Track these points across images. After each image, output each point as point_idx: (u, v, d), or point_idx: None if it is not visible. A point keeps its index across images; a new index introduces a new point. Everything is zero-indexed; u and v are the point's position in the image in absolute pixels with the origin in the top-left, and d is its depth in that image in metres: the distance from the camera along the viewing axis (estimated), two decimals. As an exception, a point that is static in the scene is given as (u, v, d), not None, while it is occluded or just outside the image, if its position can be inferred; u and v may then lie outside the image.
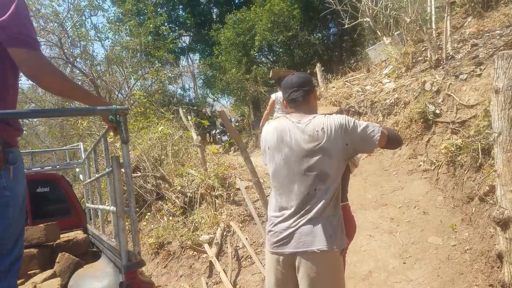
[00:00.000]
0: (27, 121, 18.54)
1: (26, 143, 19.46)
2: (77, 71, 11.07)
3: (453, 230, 3.78)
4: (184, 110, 7.00)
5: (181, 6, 17.52)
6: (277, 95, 5.76)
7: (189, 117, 6.37)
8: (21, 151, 1.66)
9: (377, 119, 6.59)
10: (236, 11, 13.44)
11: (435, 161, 4.77)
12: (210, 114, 14.69)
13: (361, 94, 7.47)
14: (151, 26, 12.15)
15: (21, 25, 1.46)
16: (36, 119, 16.07)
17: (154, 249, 4.92)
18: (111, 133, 1.80)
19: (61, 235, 2.87)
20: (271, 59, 15.02)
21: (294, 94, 1.93)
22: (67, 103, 13.91)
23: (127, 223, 1.74)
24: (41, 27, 10.10)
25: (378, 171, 5.79)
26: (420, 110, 5.28)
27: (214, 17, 18.12)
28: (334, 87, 8.73)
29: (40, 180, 3.25)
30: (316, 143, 1.79)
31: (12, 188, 1.52)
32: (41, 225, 2.56)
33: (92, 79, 10.60)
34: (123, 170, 1.57)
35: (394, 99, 6.31)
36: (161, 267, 4.62)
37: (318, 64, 10.12)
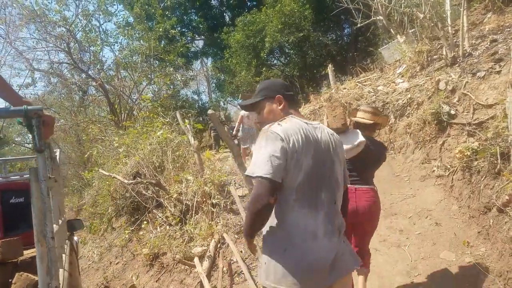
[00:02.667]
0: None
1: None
2: (85, 76, 11.08)
3: (467, 245, 3.37)
4: (182, 113, 6.78)
5: (193, 11, 17.47)
6: (245, 112, 5.50)
7: (186, 121, 6.12)
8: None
9: (389, 121, 6.19)
10: (246, 14, 13.23)
11: (449, 166, 4.36)
12: (224, 118, 14.49)
13: (373, 95, 7.06)
14: (160, 30, 12.07)
15: None
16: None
17: (148, 260, 4.69)
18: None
19: (31, 250, 2.66)
20: (283, 61, 14.73)
21: (291, 93, 1.81)
22: (81, 108, 14.08)
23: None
24: (49, 32, 10.16)
25: (388, 176, 5.39)
26: (433, 110, 4.87)
27: (227, 20, 18.00)
28: (345, 88, 8.39)
29: (14, 189, 3.06)
30: (333, 146, 1.69)
31: None
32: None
33: (101, 84, 10.58)
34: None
35: (407, 99, 5.89)
36: (154, 281, 4.37)
37: (330, 65, 9.78)
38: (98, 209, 7.40)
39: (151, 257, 4.65)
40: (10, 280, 2.37)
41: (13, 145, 22.86)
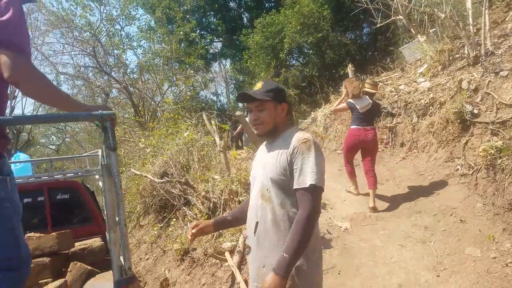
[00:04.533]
0: (69, 128, 19.48)
1: (68, 150, 20.52)
2: (108, 78, 11.44)
3: (492, 241, 3.44)
4: (207, 115, 6.99)
5: (212, 13, 17.76)
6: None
7: (212, 122, 6.33)
8: (45, 158, 1.69)
9: (411, 120, 6.25)
10: (265, 15, 13.40)
11: (473, 164, 4.41)
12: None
13: (395, 95, 7.12)
14: (180, 33, 12.37)
15: (11, 28, 1.44)
16: (76, 127, 16.85)
17: (179, 255, 4.90)
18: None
19: (79, 243, 2.87)
20: (301, 61, 14.82)
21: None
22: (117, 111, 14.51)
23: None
24: (75, 37, 10.56)
25: (412, 175, 5.47)
26: (456, 110, 4.92)
27: (245, 22, 18.20)
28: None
29: (60, 187, 3.30)
30: None
31: (11, 198, 1.54)
32: (53, 233, 2.58)
33: (126, 87, 10.93)
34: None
35: (429, 99, 5.94)
36: (185, 274, 4.58)
37: (349, 65, 9.83)
38: (126, 207, 7.69)
39: (181, 252, 4.85)
40: (63, 269, 2.58)
41: (38, 146, 23.74)
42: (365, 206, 4.84)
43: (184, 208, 5.46)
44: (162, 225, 5.90)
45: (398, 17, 8.38)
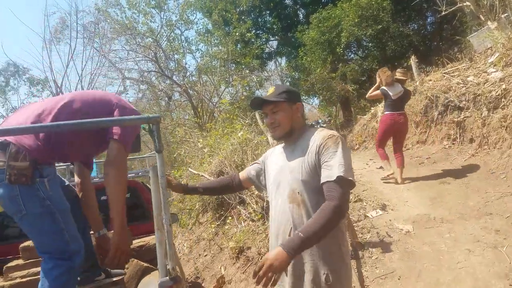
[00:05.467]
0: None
1: (135, 150, 21.85)
2: (169, 82, 11.96)
3: None
4: (260, 114, 7.01)
5: (267, 12, 17.79)
6: None
7: (265, 121, 6.33)
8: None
9: (481, 114, 5.70)
10: (321, 10, 13.11)
11: (557, 162, 3.89)
12: None
13: (462, 87, 6.56)
14: (237, 34, 12.57)
15: (128, 128, 1.94)
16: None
17: (235, 253, 4.97)
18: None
19: (137, 240, 3.02)
20: (360, 55, 14.27)
21: None
22: (167, 112, 15.27)
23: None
24: (138, 43, 11.21)
25: (482, 174, 4.99)
26: (535, 101, 4.39)
27: (301, 18, 17.98)
28: (431, 80, 7.90)
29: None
30: None
31: (50, 197, 1.82)
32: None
33: (186, 90, 11.39)
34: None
35: (501, 90, 5.37)
36: (241, 273, 4.64)
37: (412, 57, 9.28)
38: (186, 204, 8.00)
39: (236, 250, 4.92)
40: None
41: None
42: (430, 208, 4.51)
43: (238, 207, 5.52)
44: (219, 222, 6.04)
45: (465, 3, 7.73)
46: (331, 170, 1.56)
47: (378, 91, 5.71)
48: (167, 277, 1.51)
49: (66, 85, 14.46)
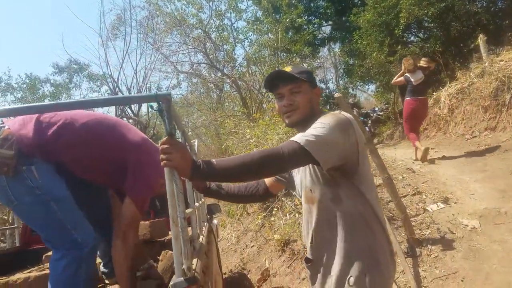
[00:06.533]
0: (190, 123, 21.35)
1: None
2: (220, 74, 11.96)
3: None
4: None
5: (320, -5, 17.06)
6: None
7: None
8: None
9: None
10: (377, -10, 12.25)
11: None
12: (352, 104, 13.81)
13: (541, 65, 5.70)
14: (287, 20, 12.19)
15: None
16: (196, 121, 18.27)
17: (280, 246, 4.79)
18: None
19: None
20: (421, 37, 13.18)
21: None
22: (218, 104, 15.40)
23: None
24: (187, 34, 11.31)
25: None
26: None
27: (356, 0, 17.02)
28: (502, 61, 7.06)
29: (163, 178, 3.46)
30: None
31: (41, 186, 1.69)
32: (147, 222, 2.67)
33: (234, 80, 11.32)
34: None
35: None
36: (286, 267, 4.44)
37: (480, 35, 8.36)
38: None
39: (282, 243, 4.74)
40: (157, 257, 2.64)
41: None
42: (499, 201, 3.95)
43: (283, 198, 5.31)
44: (265, 214, 5.89)
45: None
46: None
47: (402, 78, 6.32)
48: (182, 278, 1.34)
49: (122, 79, 15.14)
